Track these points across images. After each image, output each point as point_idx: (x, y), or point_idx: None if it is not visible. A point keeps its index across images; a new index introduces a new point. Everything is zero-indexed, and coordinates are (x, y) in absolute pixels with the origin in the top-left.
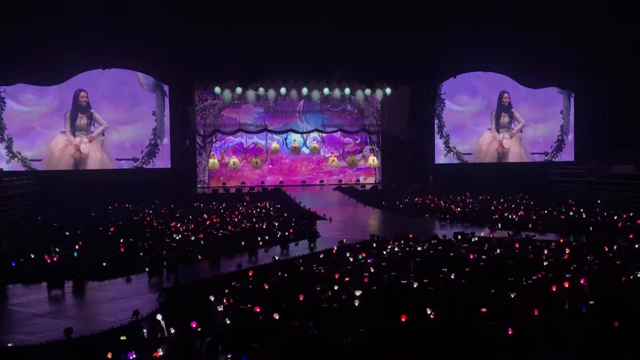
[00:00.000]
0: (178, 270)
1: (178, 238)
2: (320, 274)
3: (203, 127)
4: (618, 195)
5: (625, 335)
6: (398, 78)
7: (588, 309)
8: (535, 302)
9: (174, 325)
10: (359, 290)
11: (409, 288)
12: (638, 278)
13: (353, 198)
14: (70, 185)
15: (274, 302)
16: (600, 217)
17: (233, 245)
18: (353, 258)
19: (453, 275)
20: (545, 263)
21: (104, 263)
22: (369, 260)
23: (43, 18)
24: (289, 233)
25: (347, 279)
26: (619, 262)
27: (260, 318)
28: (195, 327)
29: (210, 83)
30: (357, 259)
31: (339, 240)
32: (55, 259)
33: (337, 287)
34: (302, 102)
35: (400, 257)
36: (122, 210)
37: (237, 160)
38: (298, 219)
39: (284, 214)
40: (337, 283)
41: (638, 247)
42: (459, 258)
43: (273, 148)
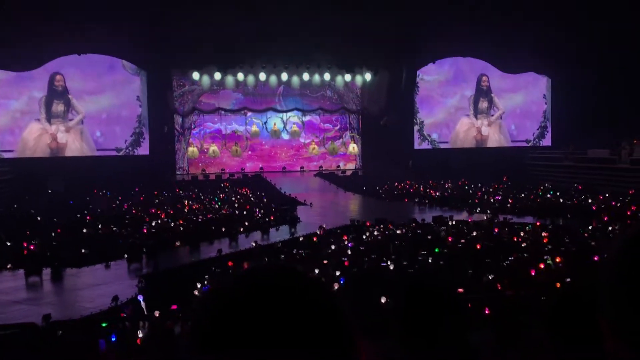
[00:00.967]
0: (158, 256)
1: (157, 224)
2: (301, 258)
3: (182, 113)
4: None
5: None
6: (378, 63)
7: (562, 286)
8: (512, 282)
9: (155, 309)
10: (338, 272)
11: (388, 271)
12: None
13: (333, 184)
14: (48, 174)
15: None
16: (577, 200)
17: (213, 231)
18: (334, 242)
19: (430, 259)
20: (523, 245)
21: (83, 250)
22: (349, 245)
23: (16, 2)
24: (270, 219)
25: (325, 262)
26: (593, 242)
27: None
28: (176, 310)
29: (189, 69)
30: (337, 243)
31: (320, 225)
32: (32, 247)
33: (317, 270)
34: (281, 87)
35: (380, 240)
36: (100, 198)
37: (216, 149)
38: (278, 205)
39: (265, 200)
40: (317, 266)
41: (612, 228)
42: (438, 241)
43: (253, 132)
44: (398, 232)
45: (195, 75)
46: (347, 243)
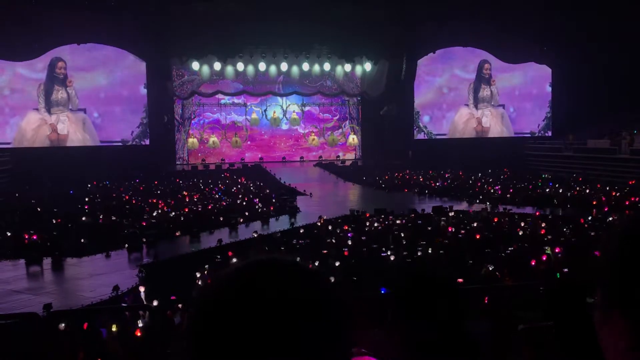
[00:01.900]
0: (158, 246)
1: (157, 214)
2: (301, 248)
3: (181, 103)
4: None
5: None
6: (378, 53)
7: (562, 276)
8: (512, 272)
9: (155, 299)
10: (337, 262)
11: (387, 261)
12: None
13: (333, 174)
14: (48, 164)
15: None
16: (576, 190)
17: (213, 221)
18: (333, 232)
19: (430, 250)
20: (522, 235)
21: (83, 240)
22: (349, 234)
23: None
24: (270, 209)
25: (325, 252)
26: (593, 233)
27: None
28: (175, 300)
29: (188, 59)
30: (337, 233)
31: (319, 216)
32: (35, 237)
33: (317, 262)
34: (280, 77)
35: (380, 230)
36: (100, 188)
37: (216, 140)
38: (278, 195)
39: (265, 190)
40: (317, 256)
41: (612, 219)
42: (438, 231)
43: (252, 119)
44: (398, 222)
45: (195, 65)
46: (347, 233)
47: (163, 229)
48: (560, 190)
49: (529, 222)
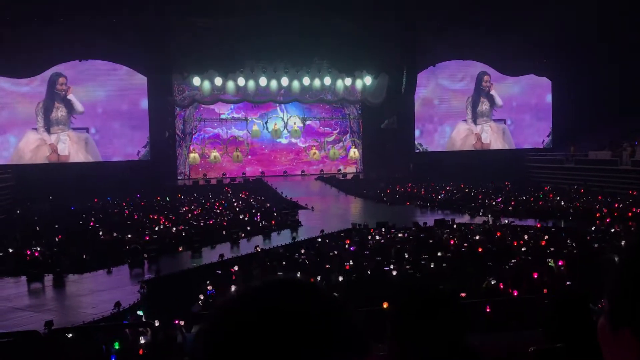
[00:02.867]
0: (159, 262)
1: (159, 229)
2: (303, 262)
3: (183, 118)
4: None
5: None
6: (378, 67)
7: (565, 289)
8: (514, 284)
9: (156, 317)
10: (341, 277)
11: (390, 274)
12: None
13: (334, 187)
14: (49, 181)
15: None
16: (579, 202)
17: (215, 236)
18: (335, 246)
19: (433, 264)
20: (524, 248)
21: (84, 256)
22: (352, 248)
23: (11, 6)
24: (271, 223)
25: (327, 267)
26: (596, 245)
27: None
28: (178, 323)
29: (189, 74)
30: (339, 247)
31: (321, 229)
32: (37, 254)
33: (319, 276)
34: (281, 91)
35: (382, 244)
36: (101, 204)
37: (218, 155)
38: (280, 209)
39: (266, 204)
40: (320, 271)
41: (614, 231)
42: (440, 244)
43: (253, 131)
44: (400, 235)
45: (196, 81)
46: (349, 247)
47: (165, 245)
48: (562, 202)
49: (531, 234)
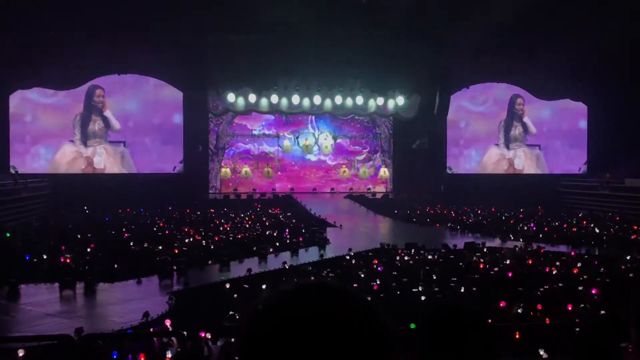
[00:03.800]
0: (188, 274)
1: (189, 242)
2: (330, 280)
3: (216, 134)
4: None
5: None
6: (411, 87)
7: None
8: (545, 311)
9: (183, 328)
10: (368, 297)
11: (418, 297)
12: None
13: (364, 206)
14: (84, 191)
15: None
16: (613, 229)
17: (243, 251)
18: (363, 265)
19: (463, 289)
20: (555, 273)
21: (115, 265)
22: (379, 269)
23: (58, 20)
24: (299, 240)
25: (355, 286)
26: (632, 274)
27: None
28: (204, 336)
29: (224, 90)
30: (367, 267)
31: (349, 248)
32: (68, 261)
33: None
34: (313, 108)
35: (410, 265)
36: (134, 214)
37: (249, 170)
38: (308, 226)
39: (294, 221)
40: None
41: None
42: (470, 268)
43: (285, 146)
44: (429, 257)
45: (231, 97)
46: (376, 267)
47: (194, 257)
48: (596, 229)
49: (564, 260)
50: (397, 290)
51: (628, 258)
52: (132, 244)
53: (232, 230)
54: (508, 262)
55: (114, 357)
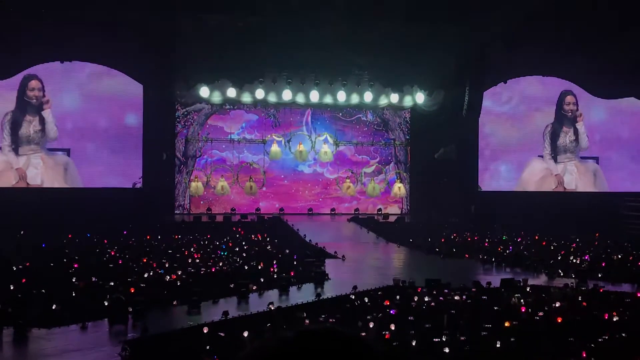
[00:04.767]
0: (147, 317)
1: (148, 276)
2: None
3: (185, 137)
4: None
5: None
6: (433, 82)
7: None
8: None
9: None
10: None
11: (441, 348)
12: None
13: (372, 232)
14: (15, 209)
15: None
16: None
17: (218, 288)
18: (372, 308)
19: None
20: (617, 320)
21: (54, 306)
22: (392, 312)
23: None
24: (290, 274)
25: (363, 334)
26: None
27: None
28: None
29: (196, 83)
30: (377, 310)
31: (354, 285)
32: None
33: None
34: (308, 110)
35: (432, 308)
36: (78, 242)
37: (226, 184)
38: (301, 257)
39: (284, 250)
40: None
41: None
42: (508, 312)
43: (272, 152)
44: (456, 298)
45: (204, 91)
46: (389, 310)
47: (155, 296)
48: None
49: (627, 303)
50: (414, 340)
51: None
52: (75, 279)
53: (203, 262)
54: (557, 304)
55: None
